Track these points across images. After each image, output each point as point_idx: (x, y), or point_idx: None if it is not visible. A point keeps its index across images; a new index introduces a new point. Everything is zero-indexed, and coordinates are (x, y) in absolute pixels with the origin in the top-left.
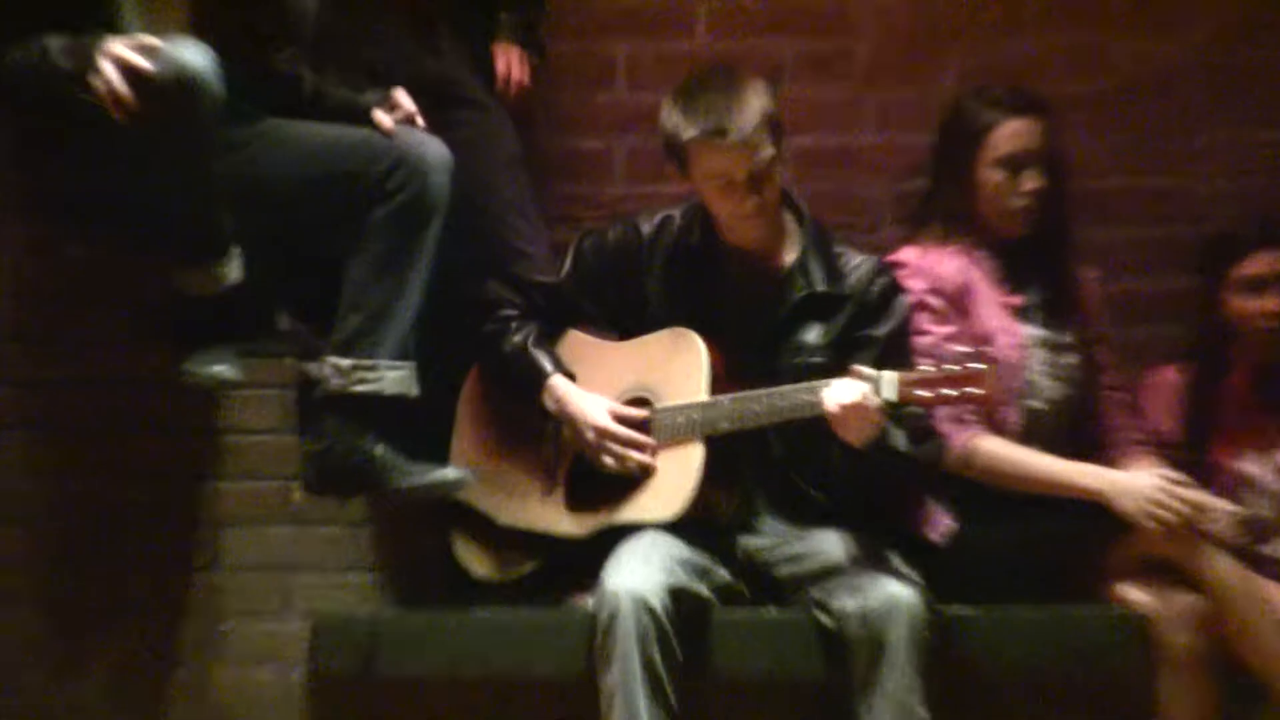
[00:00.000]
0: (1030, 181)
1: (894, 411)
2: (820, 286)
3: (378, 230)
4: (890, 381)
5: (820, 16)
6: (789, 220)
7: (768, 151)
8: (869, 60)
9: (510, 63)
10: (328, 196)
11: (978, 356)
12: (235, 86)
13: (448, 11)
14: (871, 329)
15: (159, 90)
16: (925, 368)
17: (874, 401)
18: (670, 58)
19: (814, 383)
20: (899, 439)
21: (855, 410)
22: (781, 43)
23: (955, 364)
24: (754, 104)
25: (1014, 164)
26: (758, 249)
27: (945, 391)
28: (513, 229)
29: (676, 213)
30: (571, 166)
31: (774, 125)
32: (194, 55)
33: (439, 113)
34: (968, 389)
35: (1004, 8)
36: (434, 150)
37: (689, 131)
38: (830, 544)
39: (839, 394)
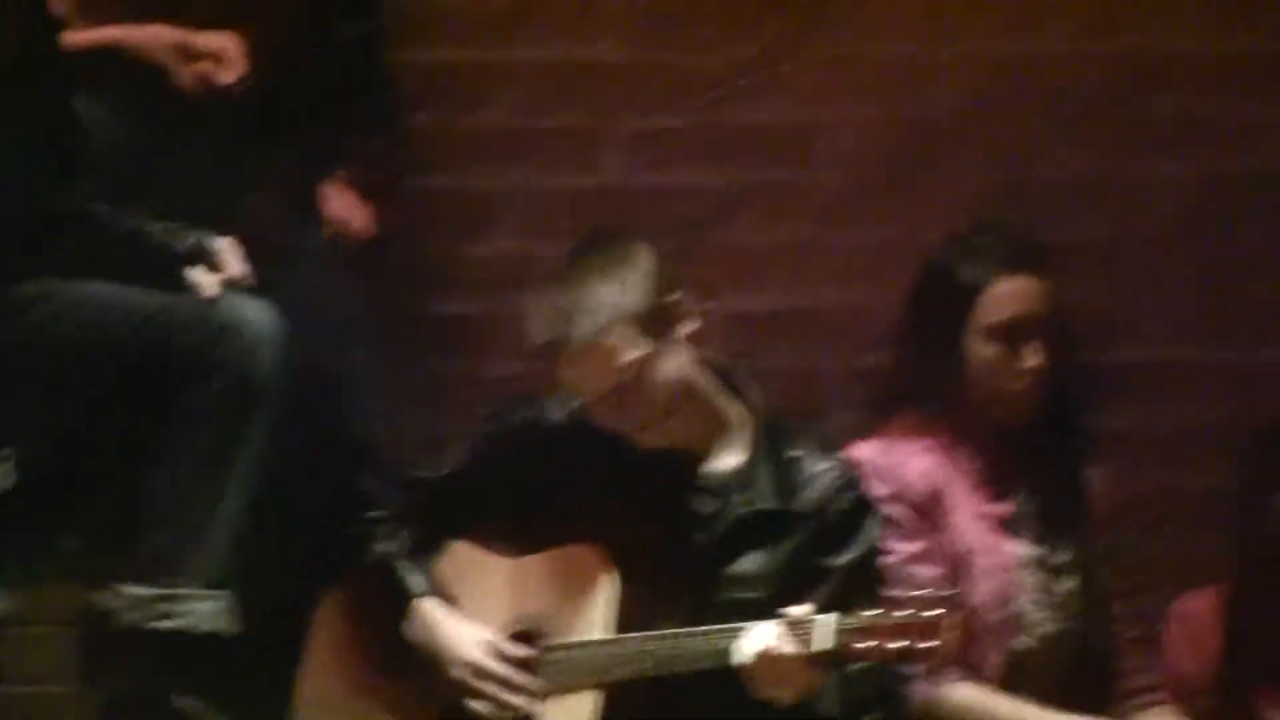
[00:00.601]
0: (1033, 357)
1: (834, 665)
2: (767, 502)
3: (191, 421)
4: (828, 627)
5: (765, 141)
6: (734, 410)
7: (628, 356)
8: (830, 196)
9: (349, 203)
10: (125, 377)
11: (941, 602)
12: (12, 232)
13: (267, 132)
14: (829, 557)
15: None
16: (871, 613)
17: (787, 649)
18: (569, 196)
19: (743, 624)
20: (832, 704)
21: (768, 660)
22: (717, 175)
23: (910, 609)
24: (606, 298)
25: (1012, 334)
26: (682, 451)
27: (891, 645)
28: (355, 414)
29: None
30: (442, 337)
31: (645, 316)
32: None
33: (254, 267)
34: (923, 643)
35: (1011, 121)
36: (260, 317)
37: (534, 337)
38: None
39: (752, 640)
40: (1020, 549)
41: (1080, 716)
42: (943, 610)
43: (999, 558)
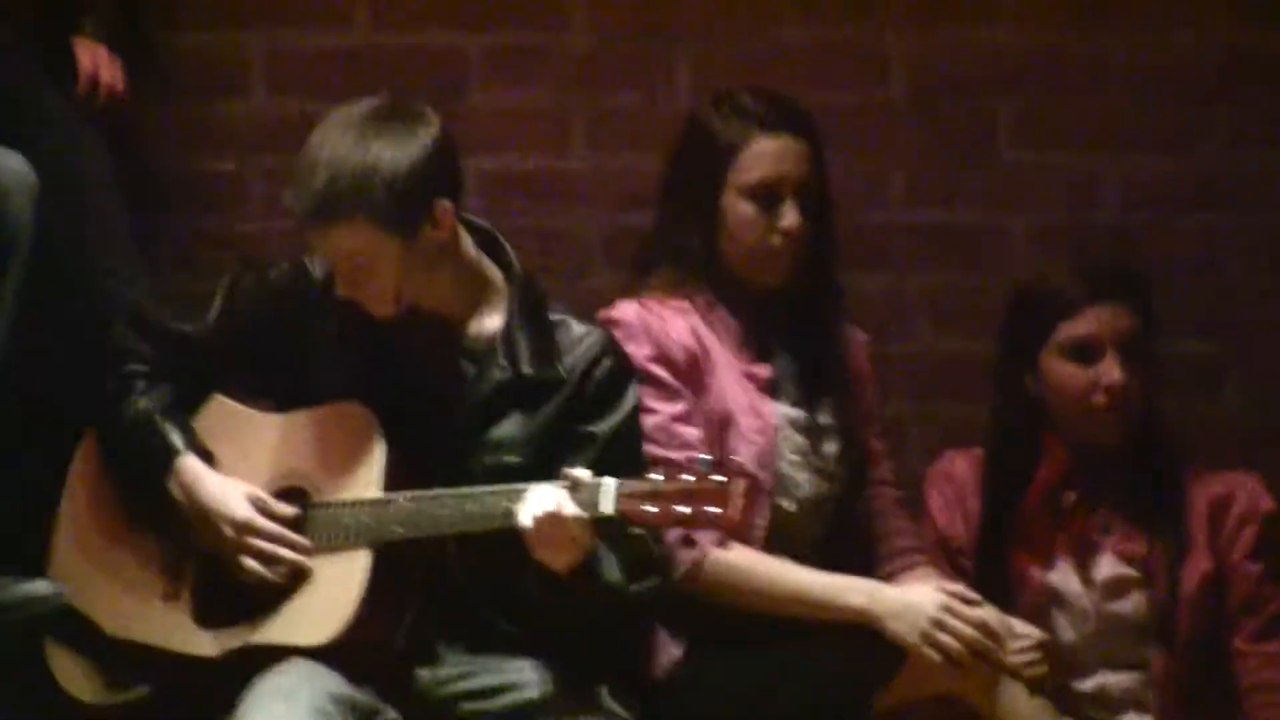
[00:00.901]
0: (789, 217)
1: (611, 529)
2: (526, 368)
3: None
4: (608, 491)
5: (519, 2)
6: (493, 273)
7: (361, 238)
8: (579, 59)
9: (96, 62)
10: None
11: (723, 468)
12: None
13: None
14: (590, 424)
15: None
16: (655, 478)
17: (571, 511)
18: (321, 55)
19: (518, 485)
20: (611, 568)
21: (551, 523)
22: (466, 37)
23: (694, 475)
24: (349, 168)
25: (769, 194)
26: (449, 315)
27: (678, 509)
28: (104, 272)
29: None
30: (192, 194)
31: (377, 198)
32: None
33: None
34: (706, 507)
35: None
36: (13, 166)
37: (286, 199)
38: (531, 676)
39: (534, 502)
40: (781, 410)
41: (842, 577)
42: (728, 476)
43: (760, 419)
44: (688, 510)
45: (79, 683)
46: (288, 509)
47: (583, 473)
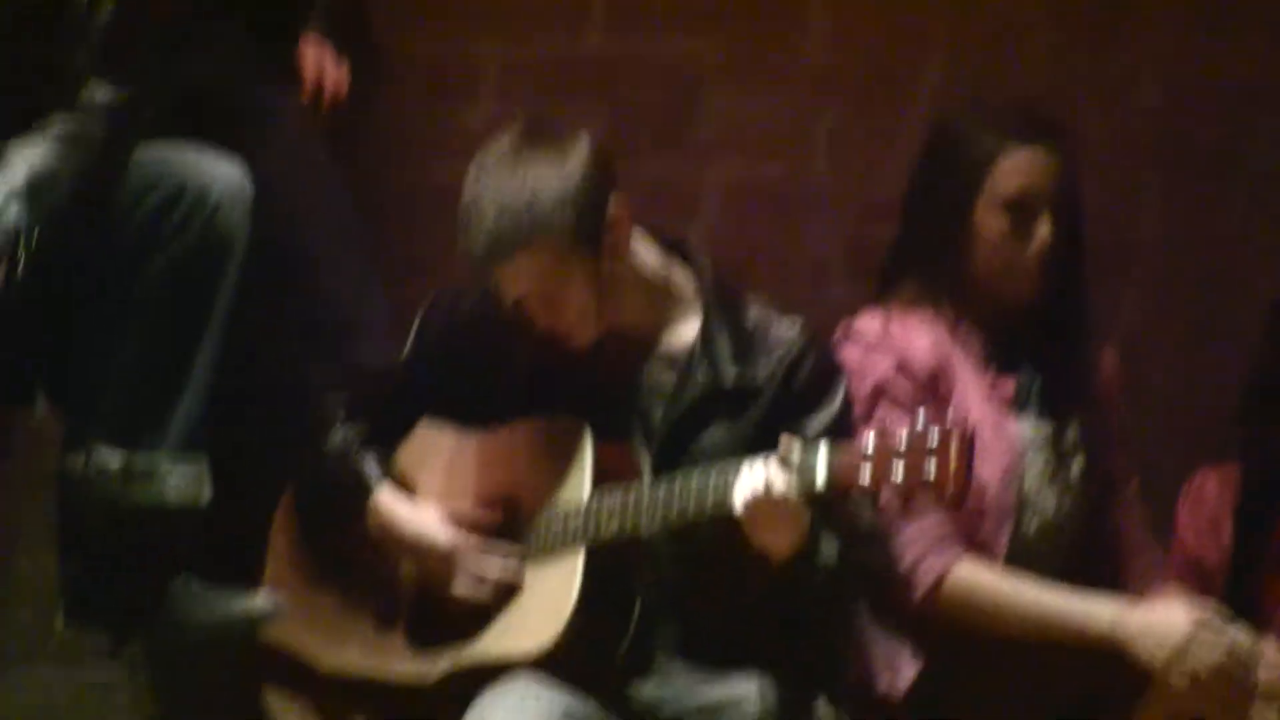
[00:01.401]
0: (1043, 232)
1: (824, 501)
2: (728, 373)
3: (153, 287)
4: (820, 458)
5: (758, 9)
6: (684, 280)
7: (549, 269)
8: (821, 65)
9: (321, 64)
10: (82, 240)
11: (941, 426)
12: None
13: None
14: (798, 423)
15: None
16: (867, 441)
17: (781, 487)
18: (554, 63)
19: (730, 463)
20: (828, 550)
21: (767, 502)
22: (703, 43)
23: (910, 436)
24: (524, 202)
25: (1023, 208)
26: (637, 330)
27: (894, 472)
28: (331, 288)
29: None
30: (422, 207)
31: (574, 231)
32: None
33: (216, 134)
34: (925, 467)
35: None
36: (225, 176)
37: (461, 247)
38: (754, 692)
39: (744, 482)
40: (1026, 427)
41: (1087, 598)
42: (942, 435)
43: (1004, 436)
44: (901, 470)
45: None
46: (490, 517)
47: (794, 446)
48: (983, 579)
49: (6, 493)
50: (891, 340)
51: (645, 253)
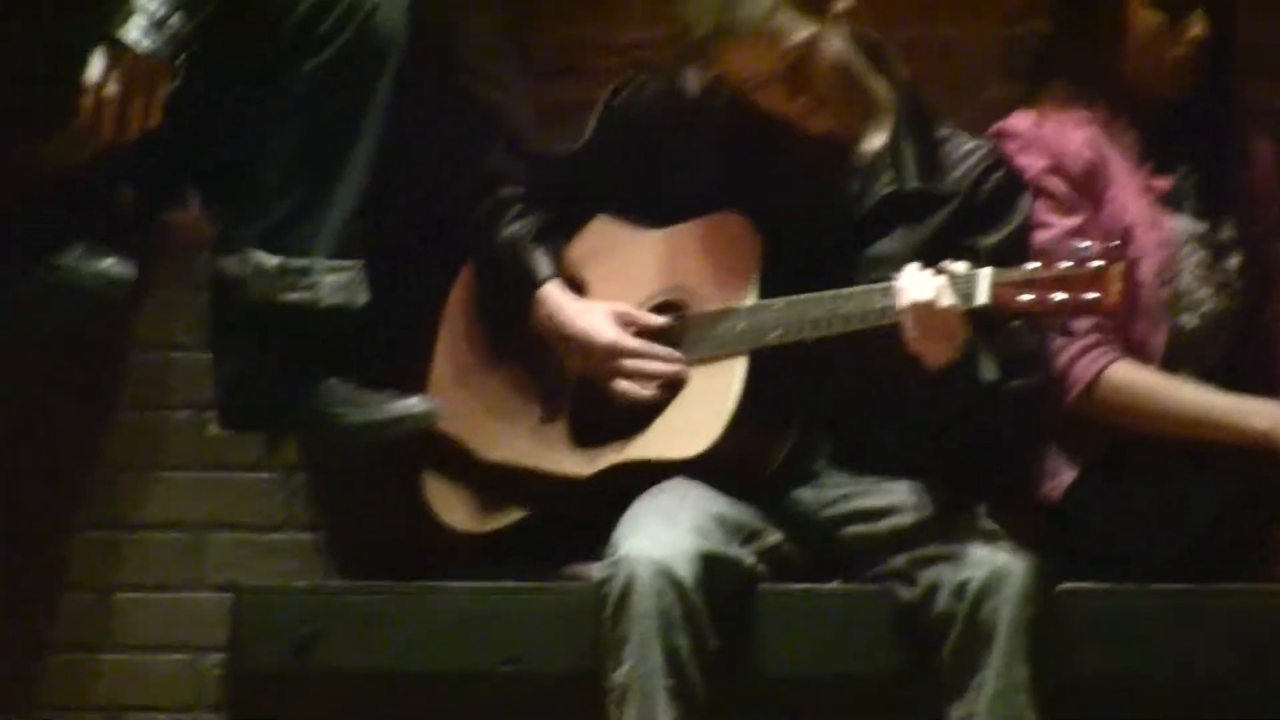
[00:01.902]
0: (1197, 26)
1: (987, 321)
2: (912, 182)
3: (308, 88)
4: (983, 280)
5: None
6: (880, 87)
7: (801, 34)
8: None
9: None
10: (238, 44)
11: (1102, 253)
12: None
13: None
14: (976, 237)
15: None
16: (1030, 266)
17: (947, 301)
18: None
19: (890, 284)
20: (988, 366)
21: (926, 312)
22: None
23: (1070, 261)
24: None
25: (1176, 4)
26: (828, 129)
27: (1055, 296)
28: (483, 78)
29: None
30: (573, 1)
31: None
32: None
33: None
34: (1086, 294)
35: None
36: None
37: (695, 28)
38: (914, 498)
39: (910, 289)
40: (1181, 224)
41: (1244, 399)
42: (1104, 260)
43: (1160, 233)
44: (1064, 296)
45: (456, 512)
46: (655, 319)
47: (958, 265)
48: (1137, 378)
49: (159, 296)
50: (1045, 139)
51: (854, 56)
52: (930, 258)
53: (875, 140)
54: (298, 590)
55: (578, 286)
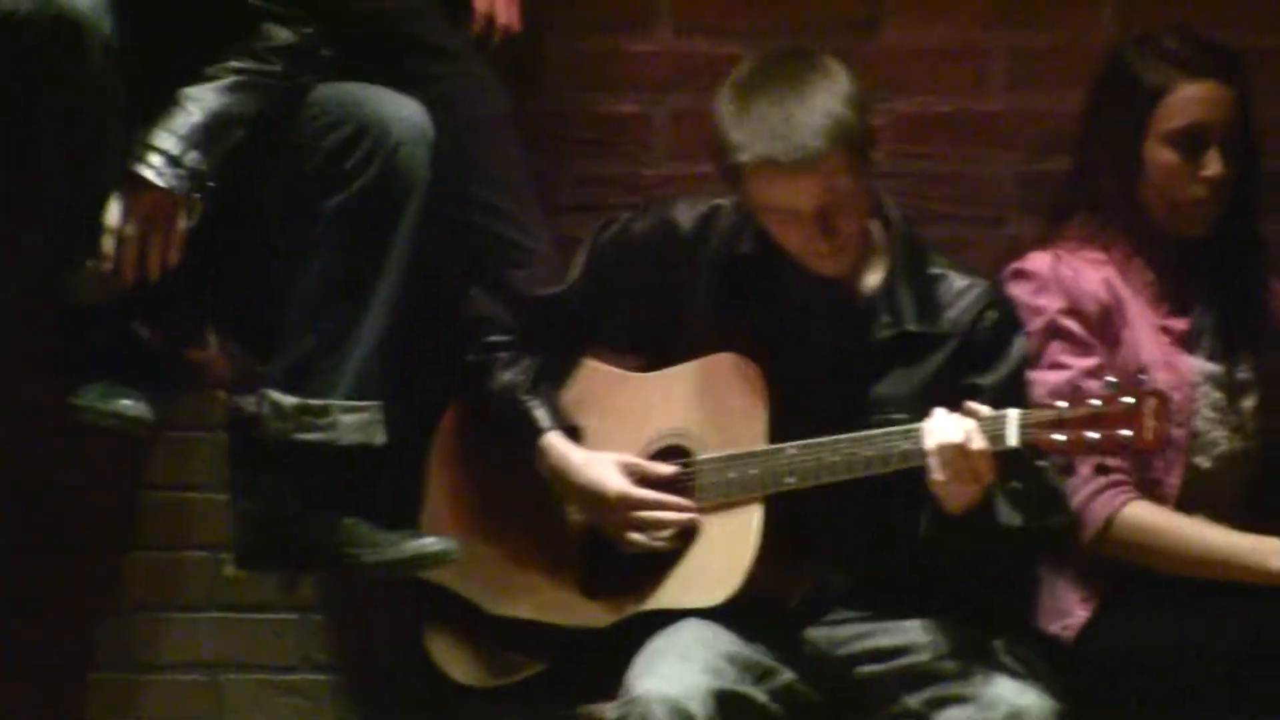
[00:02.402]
0: (1214, 165)
1: (1016, 463)
2: (910, 324)
3: (331, 226)
4: (1012, 422)
5: None
6: (875, 229)
7: (843, 179)
8: None
9: None
10: (260, 180)
11: (1133, 388)
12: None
13: None
14: (977, 377)
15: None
16: (1060, 404)
17: (979, 444)
18: None
19: (912, 426)
20: (1009, 512)
21: (958, 456)
22: None
23: (1100, 399)
24: (824, 112)
25: (1193, 141)
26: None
27: (1087, 435)
28: (501, 216)
29: (727, 203)
30: (594, 137)
31: (855, 139)
32: None
33: (387, 65)
34: (1117, 431)
35: None
36: (408, 114)
37: (738, 154)
38: (929, 635)
39: (939, 431)
40: (1198, 365)
41: (1261, 539)
42: (1137, 396)
43: (1176, 374)
44: (1097, 435)
45: (461, 669)
46: (665, 468)
47: (982, 407)
48: (1154, 518)
49: (177, 434)
50: (1062, 280)
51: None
52: (930, 400)
53: (870, 279)
54: None
55: (574, 434)
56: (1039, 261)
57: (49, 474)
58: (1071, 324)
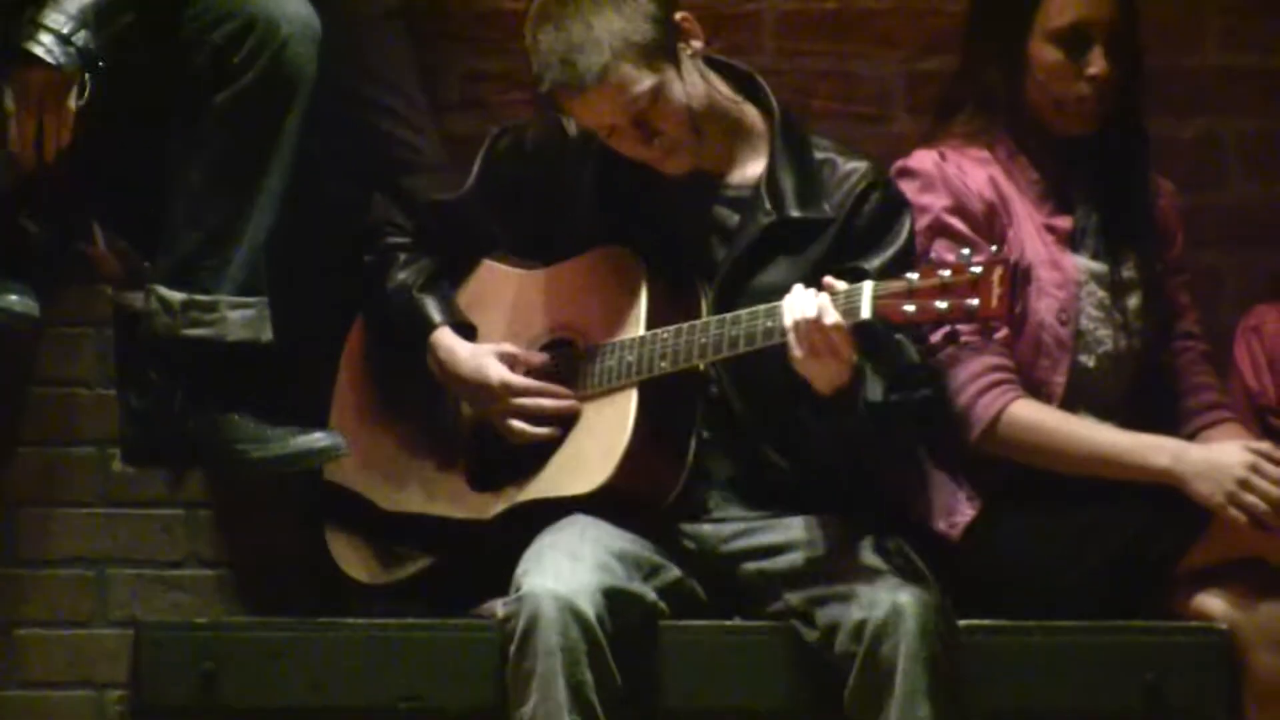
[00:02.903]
0: (1097, 63)
1: (872, 336)
2: (792, 210)
3: (218, 121)
4: (865, 294)
5: None
6: (754, 117)
7: (644, 84)
8: None
9: None
10: (147, 73)
11: (983, 259)
12: None
13: None
14: (861, 259)
15: None
16: (910, 276)
17: (832, 319)
18: None
19: (775, 305)
20: (874, 388)
21: (813, 330)
22: None
23: (949, 269)
24: (605, 29)
25: (1078, 39)
26: (714, 166)
27: (938, 304)
28: (389, 114)
29: None
30: (480, 31)
31: (644, 50)
32: None
33: None
34: (967, 300)
35: None
36: (296, 9)
37: (541, 82)
38: (811, 533)
39: (795, 306)
40: (1083, 263)
41: (1145, 436)
42: (985, 266)
43: (1061, 273)
44: (944, 304)
45: (358, 565)
46: (540, 356)
47: (838, 282)
48: (1038, 416)
49: (64, 329)
50: (947, 178)
51: (718, 84)
52: (816, 284)
53: (751, 169)
54: (199, 626)
55: (468, 331)
56: (924, 160)
57: None
58: (956, 222)
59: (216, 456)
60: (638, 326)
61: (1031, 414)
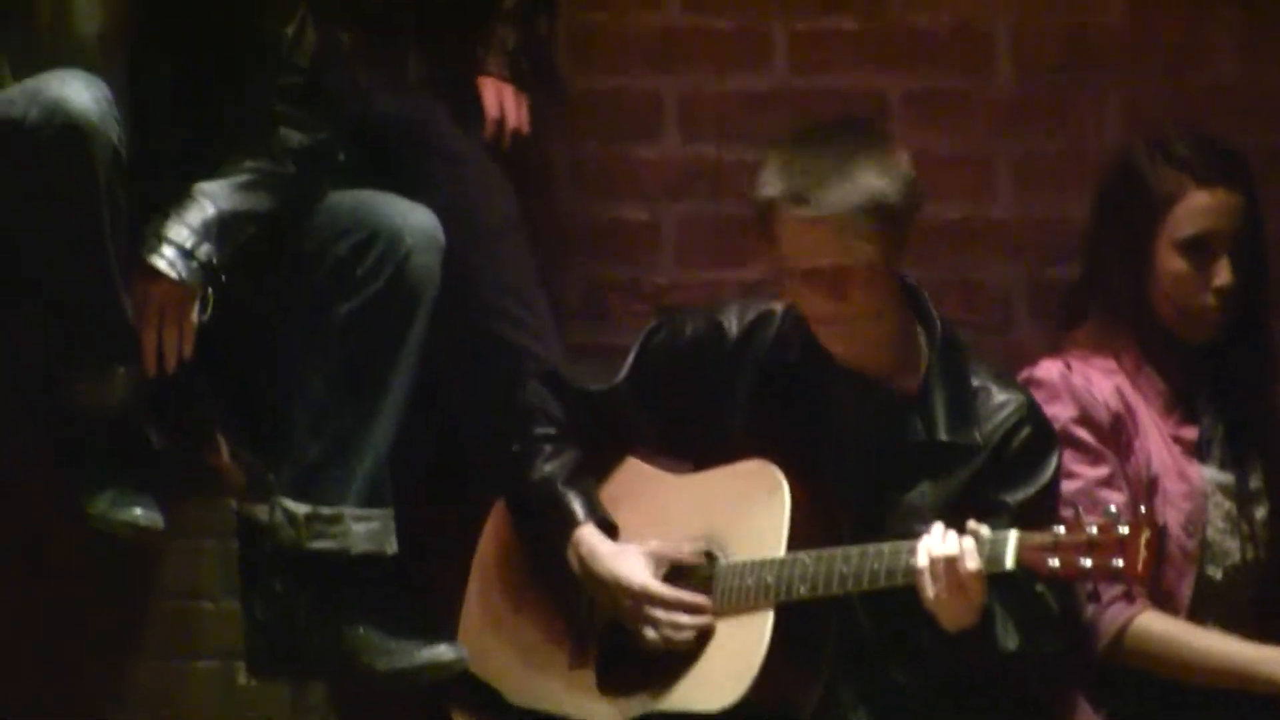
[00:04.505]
0: (1223, 274)
1: (1012, 585)
2: (942, 433)
3: (342, 332)
4: (1009, 543)
5: (937, 43)
6: (918, 336)
7: (863, 247)
8: (1003, 101)
9: (501, 101)
10: (271, 284)
11: (1130, 519)
12: None
13: (417, 29)
14: (1004, 493)
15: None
16: (1057, 530)
17: (973, 564)
18: (738, 98)
19: (916, 542)
20: (1008, 634)
21: (949, 572)
22: (885, 79)
23: (1097, 527)
24: (862, 180)
25: (1204, 250)
26: (871, 370)
27: (1082, 562)
28: (512, 322)
29: (777, 309)
30: (601, 243)
31: (884, 216)
32: (77, 92)
33: (400, 170)
34: (1112, 561)
35: (1187, 27)
36: (420, 222)
37: (769, 188)
38: None
39: (933, 547)
40: (1210, 474)
41: (1272, 649)
42: (1132, 527)
43: (1187, 483)
44: (1089, 563)
45: None
46: (689, 560)
47: (983, 527)
48: (1165, 628)
49: (187, 541)
50: (1073, 388)
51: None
52: (958, 511)
53: (909, 382)
54: None
55: (611, 529)
56: (1050, 369)
57: (59, 581)
58: (1083, 433)
59: (341, 668)
60: (779, 547)
61: (1158, 626)
